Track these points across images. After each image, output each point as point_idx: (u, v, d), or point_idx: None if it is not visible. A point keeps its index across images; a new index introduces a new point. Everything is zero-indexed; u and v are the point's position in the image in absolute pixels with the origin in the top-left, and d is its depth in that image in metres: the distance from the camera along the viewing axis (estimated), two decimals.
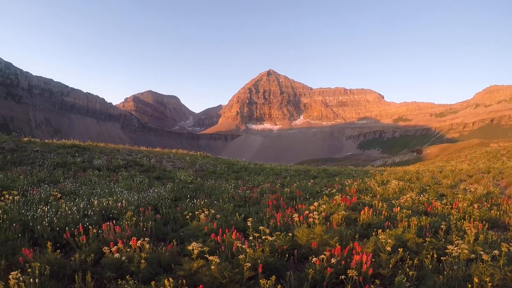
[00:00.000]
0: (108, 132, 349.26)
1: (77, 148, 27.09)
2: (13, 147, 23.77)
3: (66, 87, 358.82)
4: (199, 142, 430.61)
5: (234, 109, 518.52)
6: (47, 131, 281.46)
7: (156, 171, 22.98)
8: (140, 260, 6.22)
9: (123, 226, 8.35)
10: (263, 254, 6.68)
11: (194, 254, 6.26)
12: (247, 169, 28.26)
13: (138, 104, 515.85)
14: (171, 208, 11.85)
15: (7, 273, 5.56)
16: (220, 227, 8.35)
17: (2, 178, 14.90)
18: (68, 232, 7.63)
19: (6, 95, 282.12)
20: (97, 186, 15.46)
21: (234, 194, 14.95)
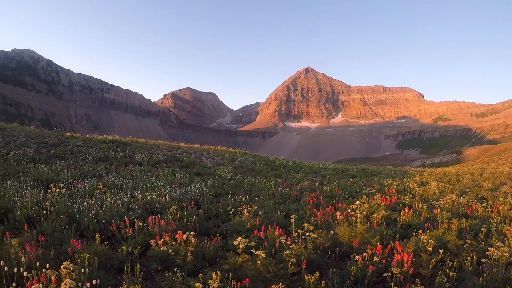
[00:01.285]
0: (147, 128, 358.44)
1: (118, 143, 27.86)
2: (56, 142, 24.71)
3: (106, 84, 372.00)
4: (236, 139, 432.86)
5: (272, 106, 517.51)
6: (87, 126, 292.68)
7: (196, 167, 23.27)
8: (186, 254, 6.33)
9: (168, 220, 8.50)
10: (306, 250, 6.72)
11: (239, 248, 6.33)
12: (285, 166, 28.18)
13: (176, 101, 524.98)
14: (212, 203, 12.01)
15: (56, 263, 5.76)
16: (262, 224, 8.36)
17: (47, 171, 15.50)
18: (114, 225, 7.80)
19: (48, 91, 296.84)
20: (139, 181, 15.83)
21: (274, 191, 14.98)
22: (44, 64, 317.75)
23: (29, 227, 7.41)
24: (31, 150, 21.50)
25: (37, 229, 7.62)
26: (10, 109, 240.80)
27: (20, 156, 19.18)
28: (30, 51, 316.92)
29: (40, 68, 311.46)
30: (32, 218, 8.31)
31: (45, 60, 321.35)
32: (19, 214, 8.28)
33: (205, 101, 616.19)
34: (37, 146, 22.92)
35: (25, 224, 7.31)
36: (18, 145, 22.25)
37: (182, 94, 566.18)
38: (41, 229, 7.64)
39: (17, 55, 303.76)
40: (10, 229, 7.85)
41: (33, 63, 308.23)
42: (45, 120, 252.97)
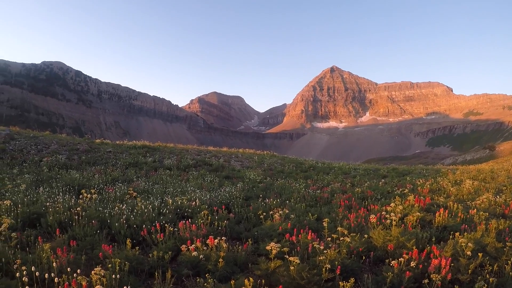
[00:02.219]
0: (175, 133, 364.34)
1: (147, 148, 28.26)
2: (87, 148, 25.28)
3: (134, 91, 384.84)
4: (264, 141, 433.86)
5: (299, 107, 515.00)
6: (117, 133, 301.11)
7: (225, 170, 23.32)
8: (218, 259, 6.25)
9: (199, 225, 8.44)
10: (340, 255, 6.55)
11: (272, 254, 6.23)
12: (315, 168, 27.93)
13: (203, 105, 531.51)
14: (243, 207, 11.89)
15: (87, 267, 5.78)
16: (294, 227, 8.22)
17: (79, 177, 15.81)
18: (145, 230, 7.81)
19: (78, 100, 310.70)
20: (169, 185, 15.94)
21: (304, 193, 14.78)
22: (73, 75, 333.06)
23: (61, 232, 7.54)
24: (63, 156, 22.06)
25: (68, 233, 7.72)
26: (42, 118, 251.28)
27: (52, 163, 19.69)
28: (59, 62, 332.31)
29: (70, 79, 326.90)
30: (64, 223, 8.42)
31: (74, 70, 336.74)
32: (51, 219, 8.41)
33: (232, 104, 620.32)
34: (68, 153, 23.49)
35: (57, 229, 7.40)
36: (50, 152, 22.88)
37: (209, 99, 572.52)
38: (72, 233, 7.72)
39: (46, 67, 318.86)
40: (42, 233, 8.02)
41: (63, 74, 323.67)
42: (76, 128, 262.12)
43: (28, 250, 6.37)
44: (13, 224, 7.61)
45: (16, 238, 6.70)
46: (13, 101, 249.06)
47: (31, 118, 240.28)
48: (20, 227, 8.13)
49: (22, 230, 7.83)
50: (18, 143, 24.26)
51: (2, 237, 6.56)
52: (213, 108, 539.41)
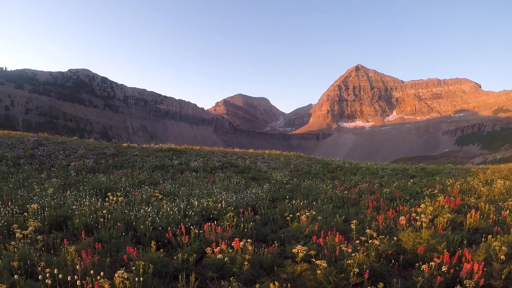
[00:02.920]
0: (201, 136, 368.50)
1: (173, 151, 28.53)
2: (114, 152, 25.69)
3: (159, 95, 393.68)
4: (290, 142, 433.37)
5: (325, 107, 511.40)
6: (144, 137, 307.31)
7: (251, 172, 23.30)
8: (243, 262, 6.18)
9: (224, 227, 8.41)
10: (368, 259, 6.40)
11: (298, 257, 6.14)
12: (342, 168, 27.64)
13: (229, 107, 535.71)
14: (269, 208, 11.85)
15: (111, 269, 5.82)
16: (321, 229, 8.09)
17: (106, 180, 16.06)
18: (170, 232, 7.85)
19: (104, 106, 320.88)
20: (195, 187, 16.02)
21: (332, 194, 14.63)
22: (99, 81, 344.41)
23: (87, 234, 7.62)
24: (90, 161, 22.50)
25: (94, 236, 7.82)
26: (70, 124, 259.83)
27: (80, 167, 20.13)
28: (85, 70, 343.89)
29: (96, 85, 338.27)
30: (90, 226, 8.51)
31: (100, 77, 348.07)
32: (77, 222, 8.54)
33: (257, 106, 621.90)
34: (95, 157, 23.95)
35: (83, 231, 7.49)
36: (77, 157, 23.37)
37: (234, 101, 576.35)
38: (98, 236, 7.83)
39: (73, 74, 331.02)
40: (68, 236, 8.15)
41: (89, 81, 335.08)
42: (103, 132, 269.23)
43: (54, 252, 6.48)
44: (39, 227, 7.77)
45: (42, 240, 6.81)
46: (41, 109, 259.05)
47: (59, 124, 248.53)
48: (47, 230, 8.28)
49: (48, 233, 7.98)
50: (46, 148, 24.91)
51: (28, 239, 6.67)
52: (238, 110, 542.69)
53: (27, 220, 7.86)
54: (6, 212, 8.93)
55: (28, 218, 8.22)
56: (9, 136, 27.58)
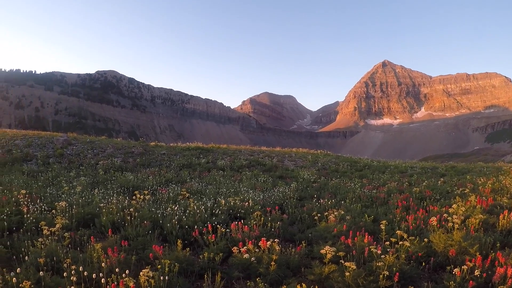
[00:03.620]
0: (228, 134, 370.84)
1: (200, 150, 28.73)
2: (142, 151, 26.07)
3: (186, 95, 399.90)
4: (317, 140, 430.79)
5: (352, 104, 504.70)
6: (171, 136, 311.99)
7: (278, 170, 23.24)
8: (269, 262, 6.12)
9: (251, 226, 8.34)
10: (398, 261, 6.22)
11: (326, 258, 6.04)
12: (370, 167, 27.25)
13: (255, 106, 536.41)
14: (296, 208, 11.80)
15: (137, 267, 5.81)
16: (350, 229, 7.93)
17: (133, 179, 16.27)
18: (196, 230, 7.83)
19: (132, 106, 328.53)
20: (222, 186, 16.08)
21: (360, 193, 14.46)
22: (127, 82, 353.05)
23: (114, 232, 7.71)
24: (118, 159, 22.89)
25: (121, 234, 7.91)
26: (99, 124, 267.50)
27: (108, 166, 20.51)
28: (112, 71, 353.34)
29: (123, 86, 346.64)
30: (117, 224, 8.65)
31: (127, 78, 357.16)
32: (104, 220, 8.68)
33: (284, 104, 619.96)
34: (123, 156, 24.35)
35: (110, 229, 7.57)
36: (106, 156, 23.82)
37: (260, 99, 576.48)
38: (125, 234, 7.90)
39: (100, 76, 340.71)
40: (95, 233, 8.27)
41: (116, 82, 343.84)
42: (131, 132, 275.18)
43: (80, 249, 6.56)
44: (67, 224, 7.90)
45: (69, 237, 6.91)
46: (70, 110, 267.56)
47: (88, 124, 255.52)
48: (74, 227, 8.42)
49: (76, 230, 8.10)
50: (75, 148, 25.51)
51: (55, 236, 6.77)
52: (265, 109, 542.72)
53: (55, 217, 8.00)
54: (34, 210, 9.13)
55: (56, 216, 8.37)
56: (39, 136, 28.39)
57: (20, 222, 8.50)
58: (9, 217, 8.50)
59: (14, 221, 8.43)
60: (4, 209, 8.89)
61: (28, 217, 8.24)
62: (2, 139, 26.58)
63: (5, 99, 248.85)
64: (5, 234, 7.73)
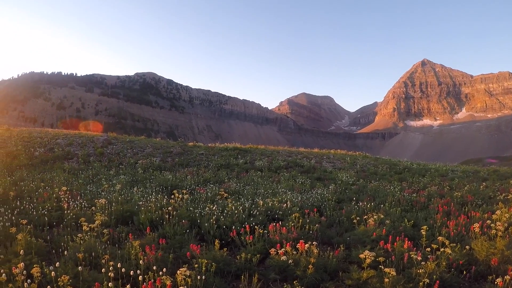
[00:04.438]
0: (266, 135, 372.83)
1: (238, 150, 28.83)
2: (180, 151, 26.44)
3: (224, 96, 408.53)
4: (355, 141, 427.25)
5: (390, 105, 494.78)
6: (209, 136, 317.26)
7: (316, 171, 23.06)
8: (307, 265, 6.07)
9: (289, 228, 8.29)
10: (438, 268, 6.09)
11: (365, 263, 5.96)
12: (410, 169, 26.63)
13: (293, 106, 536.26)
14: (335, 210, 11.70)
15: (174, 266, 5.92)
16: (389, 234, 7.94)
17: (172, 178, 16.50)
18: (234, 231, 7.84)
19: (170, 107, 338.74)
20: (260, 186, 16.07)
21: (400, 197, 14.18)
22: (165, 83, 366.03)
23: (152, 230, 7.81)
24: (157, 159, 23.30)
25: (159, 232, 8.04)
26: (138, 124, 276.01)
27: (147, 165, 20.91)
28: (151, 73, 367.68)
29: (162, 87, 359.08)
30: (155, 222, 8.79)
31: (165, 79, 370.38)
32: (143, 218, 8.87)
33: (322, 105, 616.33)
34: (162, 156, 24.78)
35: (148, 227, 7.70)
36: (145, 155, 24.31)
37: (298, 100, 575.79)
38: (162, 232, 8.03)
39: (139, 77, 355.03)
40: (133, 231, 8.45)
41: (155, 83, 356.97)
42: (169, 132, 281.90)
43: (118, 246, 6.68)
44: (106, 221, 8.06)
45: (108, 234, 7.06)
46: (110, 110, 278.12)
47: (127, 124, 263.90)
48: (113, 224, 8.62)
49: (114, 227, 8.30)
50: (115, 147, 26.17)
51: (95, 232, 6.94)
52: (302, 109, 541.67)
53: (95, 214, 8.20)
54: (75, 206, 9.43)
55: (95, 212, 8.63)
56: (80, 136, 29.36)
57: (60, 217, 8.84)
58: (50, 212, 8.85)
59: (54, 217, 8.78)
60: (45, 205, 9.24)
61: (68, 213, 8.51)
62: (45, 138, 27.61)
63: (48, 100, 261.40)
64: (45, 229, 8.01)
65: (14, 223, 7.43)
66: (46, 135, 29.01)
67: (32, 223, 7.59)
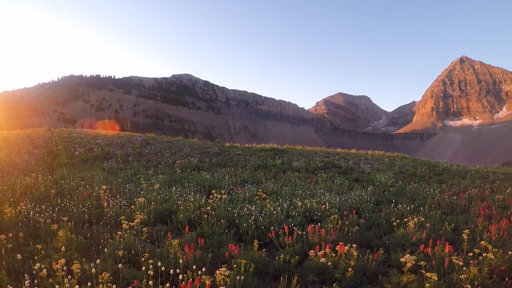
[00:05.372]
0: (302, 135, 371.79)
1: (275, 151, 28.77)
2: (217, 151, 26.65)
3: (260, 96, 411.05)
4: (393, 142, 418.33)
5: (429, 104, 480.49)
6: (245, 137, 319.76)
7: (354, 173, 22.78)
8: (347, 268, 6.07)
9: (328, 229, 8.21)
10: (480, 274, 5.94)
11: (406, 267, 5.90)
12: (449, 171, 25.81)
13: (329, 107, 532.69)
14: (373, 212, 11.55)
15: (212, 265, 5.98)
16: (429, 238, 7.78)
17: (209, 178, 16.64)
18: (272, 231, 7.83)
19: (207, 108, 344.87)
20: (298, 187, 15.98)
21: (439, 199, 13.87)
22: (202, 85, 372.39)
23: (190, 229, 7.90)
24: (195, 159, 23.56)
25: (197, 231, 8.12)
26: (175, 125, 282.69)
27: (185, 165, 21.16)
28: (187, 75, 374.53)
29: (198, 88, 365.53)
30: (193, 221, 8.89)
31: (202, 81, 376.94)
32: (181, 217, 8.99)
33: (358, 105, 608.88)
34: (200, 156, 25.03)
35: (187, 226, 7.82)
36: (182, 155, 24.63)
37: (334, 100, 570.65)
38: (201, 231, 8.11)
39: (176, 79, 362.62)
40: (172, 230, 8.56)
41: (192, 85, 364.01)
42: (206, 133, 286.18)
43: (157, 244, 6.78)
44: (145, 220, 8.20)
45: (147, 232, 7.19)
46: (148, 111, 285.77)
47: (165, 125, 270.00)
48: (151, 223, 8.77)
49: (153, 226, 8.44)
50: (153, 147, 26.66)
51: (134, 230, 7.07)
52: (339, 110, 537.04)
53: (134, 212, 8.38)
54: (114, 204, 9.64)
55: (134, 211, 8.83)
56: (119, 136, 30.07)
57: (100, 215, 9.06)
58: (89, 210, 9.07)
59: (94, 214, 8.99)
60: (85, 202, 9.49)
61: (107, 211, 8.74)
62: (84, 138, 28.46)
63: (87, 102, 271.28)
64: (85, 226, 8.24)
65: (55, 220, 7.65)
66: (85, 136, 29.91)
67: (72, 220, 7.78)
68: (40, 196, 10.86)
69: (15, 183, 12.51)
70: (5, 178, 14.01)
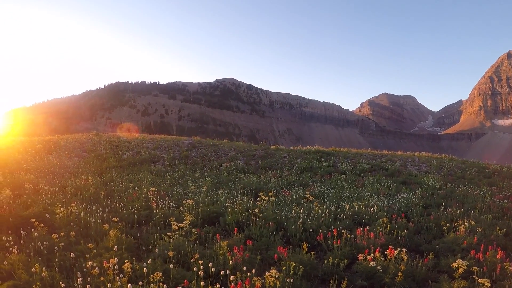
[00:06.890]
0: (347, 137, 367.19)
1: (321, 153, 28.55)
2: (263, 154, 26.73)
3: (304, 99, 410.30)
4: (440, 143, 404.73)
5: (476, 103, 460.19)
6: (290, 139, 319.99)
7: (401, 175, 22.26)
8: (396, 272, 5.99)
9: (377, 233, 8.11)
10: None
11: (457, 272, 5.73)
12: (500, 173, 24.74)
13: (374, 108, 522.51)
14: (422, 216, 11.29)
15: (261, 267, 5.99)
16: (480, 243, 7.52)
17: (256, 180, 16.76)
18: (321, 234, 7.79)
19: (251, 111, 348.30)
20: (344, 190, 15.85)
21: (490, 203, 13.27)
22: (245, 88, 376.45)
23: (238, 231, 7.96)
24: (241, 162, 23.74)
25: (245, 233, 8.15)
26: (220, 129, 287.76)
27: (231, 168, 21.40)
28: (230, 79, 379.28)
29: (242, 92, 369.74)
30: (241, 223, 8.97)
31: (245, 84, 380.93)
32: (229, 219, 9.09)
33: (404, 105, 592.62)
34: (245, 159, 25.19)
35: (235, 228, 7.92)
36: (228, 158, 24.89)
37: (379, 101, 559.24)
38: (249, 233, 8.15)
39: (220, 84, 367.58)
40: (220, 231, 8.63)
41: (235, 89, 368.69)
42: (251, 136, 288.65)
43: (206, 245, 6.85)
44: (193, 221, 8.37)
45: (195, 234, 7.36)
46: (193, 115, 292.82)
47: (209, 129, 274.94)
48: (200, 224, 8.88)
49: (201, 227, 8.54)
50: (199, 150, 27.10)
51: (183, 232, 7.22)
52: (384, 110, 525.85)
53: (182, 213, 8.54)
54: (163, 206, 9.91)
55: (183, 212, 9.04)
56: (165, 140, 30.81)
57: (149, 216, 9.32)
58: (139, 211, 9.36)
59: (143, 215, 9.26)
60: (134, 204, 9.78)
61: (156, 212, 9.00)
62: (132, 142, 29.36)
63: (133, 108, 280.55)
64: (134, 226, 8.49)
65: (105, 220, 7.94)
66: (133, 140, 30.82)
67: (122, 221, 8.06)
68: (90, 197, 11.30)
69: (66, 184, 13.09)
70: (57, 180, 14.60)
